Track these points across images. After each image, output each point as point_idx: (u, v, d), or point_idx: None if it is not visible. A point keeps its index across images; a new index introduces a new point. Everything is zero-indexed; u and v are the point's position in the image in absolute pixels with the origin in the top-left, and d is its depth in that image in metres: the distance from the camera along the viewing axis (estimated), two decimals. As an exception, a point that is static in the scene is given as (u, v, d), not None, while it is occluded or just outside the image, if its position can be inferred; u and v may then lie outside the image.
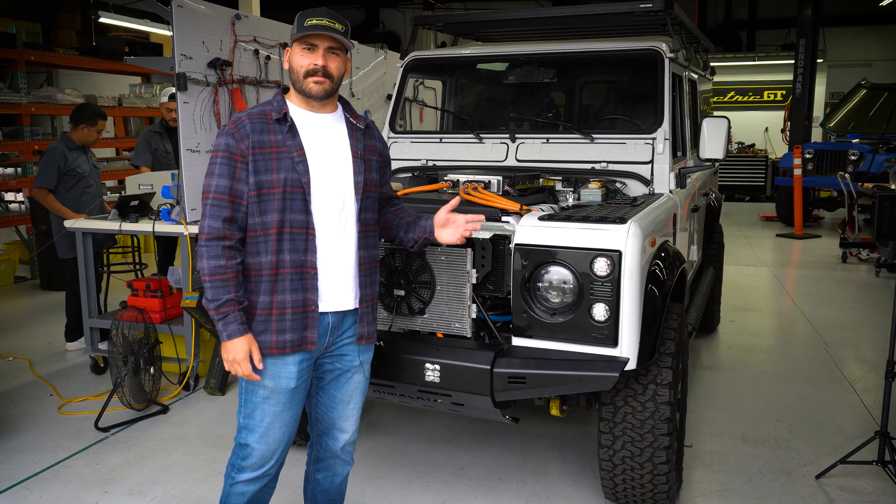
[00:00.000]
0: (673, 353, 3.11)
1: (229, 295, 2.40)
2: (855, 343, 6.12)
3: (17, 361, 5.66)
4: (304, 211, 2.48)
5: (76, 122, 5.61)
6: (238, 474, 2.61)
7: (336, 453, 2.82)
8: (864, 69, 16.93)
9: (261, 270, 2.47)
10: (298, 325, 2.50)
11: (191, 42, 4.61)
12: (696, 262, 4.88)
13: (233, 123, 2.48)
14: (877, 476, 3.74)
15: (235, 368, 2.45)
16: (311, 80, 2.49)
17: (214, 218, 2.41)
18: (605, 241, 2.83)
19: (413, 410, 4.55)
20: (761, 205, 15.91)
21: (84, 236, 5.17)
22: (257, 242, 2.47)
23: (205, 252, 2.41)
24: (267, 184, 2.44)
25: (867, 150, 11.58)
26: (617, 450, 3.14)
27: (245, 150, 2.43)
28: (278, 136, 2.47)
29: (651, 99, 3.96)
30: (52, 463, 3.98)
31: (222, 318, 2.41)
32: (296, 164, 2.46)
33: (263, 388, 2.54)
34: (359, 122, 2.67)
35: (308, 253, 2.49)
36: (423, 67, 4.66)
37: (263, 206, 2.45)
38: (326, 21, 2.46)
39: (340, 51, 2.54)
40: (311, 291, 2.50)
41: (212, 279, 2.40)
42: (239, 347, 2.42)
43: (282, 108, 2.51)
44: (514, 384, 2.89)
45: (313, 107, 2.57)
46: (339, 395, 2.74)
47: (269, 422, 2.56)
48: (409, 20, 4.91)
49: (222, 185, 2.42)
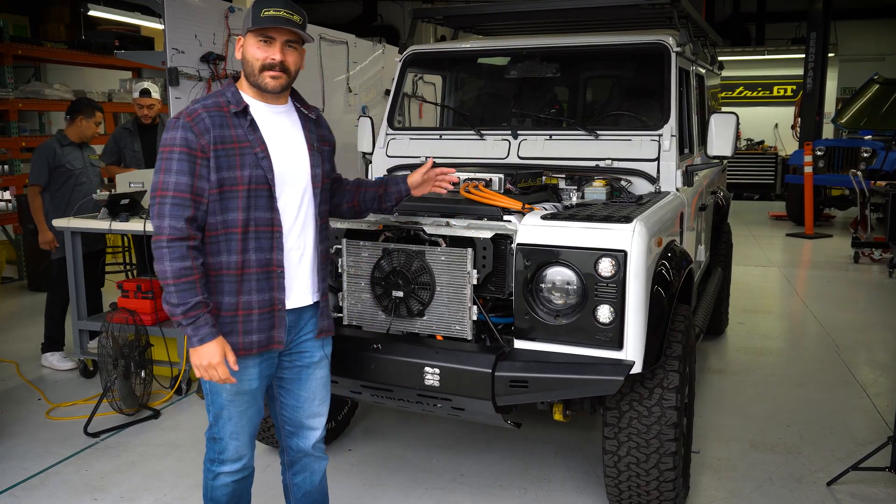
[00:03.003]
0: (680, 356, 3.06)
1: (198, 297, 2.31)
2: (867, 346, 6.06)
3: (4, 365, 5.61)
4: (270, 208, 2.43)
5: (73, 115, 5.55)
6: (219, 467, 2.62)
7: (308, 452, 2.80)
8: (876, 63, 16.78)
9: (222, 270, 2.41)
10: (266, 325, 2.47)
11: (183, 36, 4.57)
12: (703, 262, 4.85)
13: (188, 116, 2.36)
14: (890, 483, 3.69)
15: (211, 374, 2.37)
16: (267, 74, 2.43)
17: (176, 218, 2.30)
18: (610, 241, 2.78)
19: (412, 415, 4.51)
20: (771, 203, 15.85)
21: (73, 236, 5.10)
22: (218, 242, 2.40)
23: (167, 254, 2.29)
24: (230, 181, 2.37)
25: (880, 146, 11.49)
26: (622, 456, 3.10)
27: (206, 146, 2.33)
28: (239, 130, 2.40)
29: (657, 94, 3.92)
30: (40, 469, 3.93)
31: (192, 323, 2.31)
32: (260, 160, 2.40)
33: (226, 390, 2.51)
34: (310, 112, 2.64)
35: (274, 251, 2.46)
36: (423, 62, 4.62)
37: (225, 205, 2.38)
38: (284, 13, 2.38)
39: (298, 44, 2.48)
40: (278, 290, 2.48)
41: (177, 282, 2.29)
42: (214, 351, 2.34)
43: (240, 101, 2.43)
44: (515, 388, 2.86)
45: (267, 99, 2.51)
46: (303, 393, 2.71)
47: (237, 420, 2.57)
48: (408, 13, 4.84)
49: (182, 183, 2.31)
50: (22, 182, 8.18)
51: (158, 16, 4.67)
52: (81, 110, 5.53)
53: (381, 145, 4.32)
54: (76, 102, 5.70)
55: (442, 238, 3.11)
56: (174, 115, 2.41)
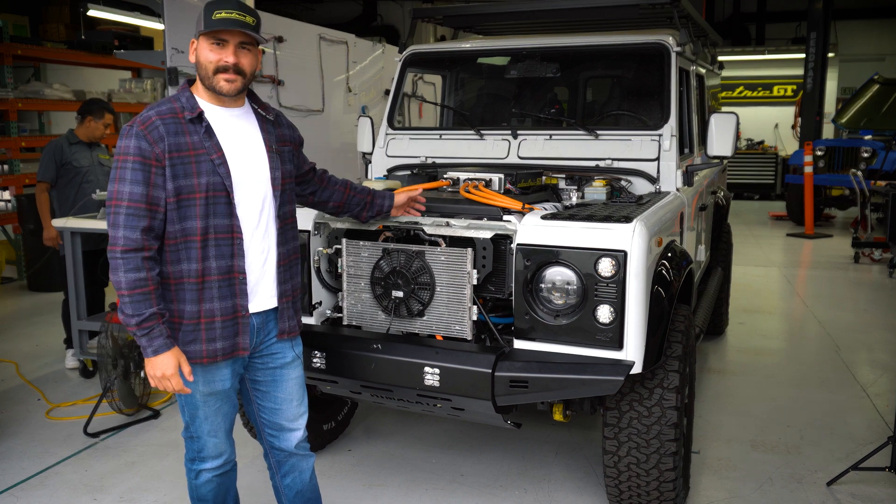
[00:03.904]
0: (680, 356, 3.05)
1: (152, 308, 2.30)
2: (867, 346, 6.04)
3: (4, 365, 5.60)
4: (229, 215, 2.41)
5: (83, 116, 5.59)
6: (200, 465, 2.63)
7: (293, 452, 2.79)
8: (876, 63, 16.76)
9: (183, 278, 2.39)
10: (229, 332, 2.46)
11: (183, 36, 4.55)
12: (703, 262, 4.84)
13: (141, 124, 2.33)
14: (890, 483, 3.68)
15: (165, 384, 2.37)
16: (221, 77, 2.40)
17: (131, 228, 2.28)
18: (610, 241, 2.77)
19: (411, 415, 4.50)
20: (771, 203, 15.81)
21: (73, 236, 5.10)
22: (178, 250, 2.37)
23: (122, 265, 2.28)
24: (187, 189, 2.34)
25: (880, 146, 11.48)
26: (622, 456, 3.09)
27: (160, 154, 2.30)
28: (194, 136, 2.37)
29: (657, 94, 3.91)
30: (40, 469, 3.92)
31: (146, 334, 2.30)
32: (217, 166, 2.38)
33: (199, 392, 2.51)
34: (268, 113, 2.61)
35: (235, 258, 2.43)
36: (423, 62, 4.62)
37: (183, 213, 2.35)
38: (236, 15, 2.36)
39: (252, 45, 2.46)
40: (241, 297, 2.46)
41: (132, 293, 2.27)
42: (168, 362, 2.33)
43: (194, 106, 2.40)
44: (515, 388, 2.84)
45: (224, 102, 2.48)
46: (280, 395, 2.70)
47: (213, 417, 2.57)
48: (408, 13, 4.83)
49: (137, 193, 2.28)
50: (21, 182, 8.18)
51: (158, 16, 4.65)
52: (92, 111, 5.56)
53: (381, 145, 4.32)
54: (87, 103, 5.72)
55: (442, 238, 3.11)
56: (128, 122, 2.41)
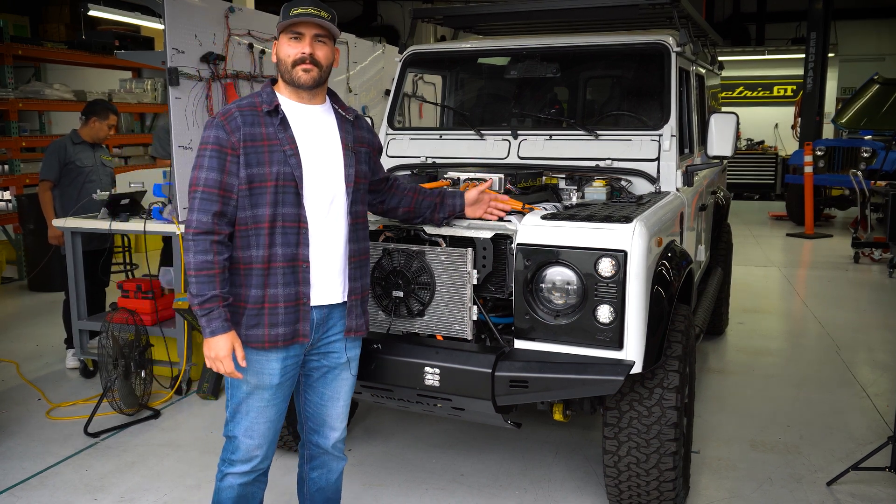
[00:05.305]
0: (680, 356, 3.05)
1: (214, 291, 2.39)
2: (867, 346, 6.04)
3: (4, 365, 5.60)
4: (297, 204, 2.48)
5: (87, 116, 5.61)
6: (228, 467, 2.63)
7: (328, 450, 2.84)
8: (876, 63, 16.73)
9: (251, 264, 2.48)
10: (291, 318, 2.51)
11: (183, 36, 4.55)
12: (703, 262, 4.83)
13: (222, 115, 2.47)
14: (890, 483, 3.67)
15: (217, 366, 2.45)
16: (299, 68, 2.50)
17: (203, 212, 2.39)
18: (610, 241, 2.77)
19: (411, 415, 4.49)
20: (771, 203, 15.81)
21: (73, 236, 5.10)
22: (248, 236, 2.47)
23: (192, 246, 2.39)
24: (259, 177, 2.43)
25: (880, 146, 11.45)
26: (622, 456, 3.09)
27: (236, 143, 2.42)
28: (269, 128, 2.47)
29: (657, 94, 3.91)
30: (40, 469, 3.91)
31: (206, 315, 2.40)
32: (288, 157, 2.47)
33: (247, 383, 2.56)
34: (348, 113, 2.70)
35: (300, 246, 2.50)
36: (423, 62, 4.61)
37: (255, 200, 2.44)
38: (311, 9, 2.49)
39: (328, 38, 2.55)
40: (303, 285, 2.51)
41: (198, 274, 2.38)
42: (222, 345, 2.42)
43: (272, 99, 2.53)
44: (515, 388, 2.85)
45: (303, 98, 2.58)
46: (327, 392, 2.75)
47: (254, 416, 2.58)
48: (408, 13, 4.84)
49: (212, 179, 2.41)
50: (22, 182, 8.18)
51: (158, 16, 4.66)
52: (96, 112, 5.58)
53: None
54: (92, 104, 5.74)
55: (442, 238, 3.11)
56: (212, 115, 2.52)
